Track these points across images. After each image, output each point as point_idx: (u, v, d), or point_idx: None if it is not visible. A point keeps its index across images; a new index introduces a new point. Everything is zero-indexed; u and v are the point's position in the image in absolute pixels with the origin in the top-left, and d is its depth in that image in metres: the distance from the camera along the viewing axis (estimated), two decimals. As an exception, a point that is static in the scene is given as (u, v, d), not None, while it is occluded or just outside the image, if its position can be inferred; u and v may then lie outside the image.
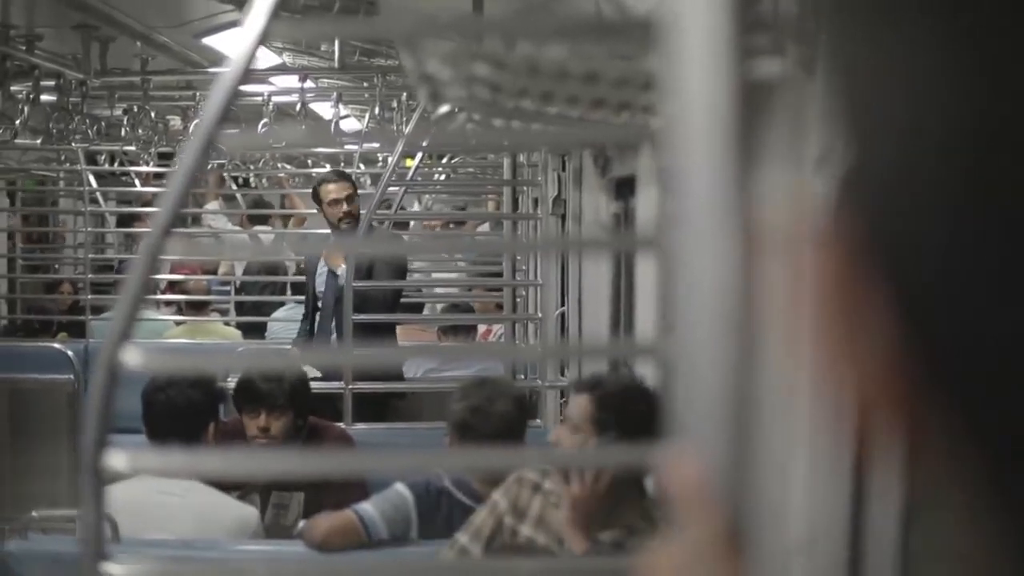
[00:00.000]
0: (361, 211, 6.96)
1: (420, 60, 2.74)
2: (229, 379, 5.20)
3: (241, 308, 10.21)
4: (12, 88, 6.79)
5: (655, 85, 2.69)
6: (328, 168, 11.18)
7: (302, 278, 8.77)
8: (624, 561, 2.63)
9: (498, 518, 3.74)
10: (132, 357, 1.70)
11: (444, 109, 3.69)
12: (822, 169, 1.87)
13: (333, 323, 6.93)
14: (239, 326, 9.65)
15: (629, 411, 3.48)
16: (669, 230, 0.91)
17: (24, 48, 6.67)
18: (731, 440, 0.87)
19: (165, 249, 1.66)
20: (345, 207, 7.12)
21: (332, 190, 7.23)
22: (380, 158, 10.79)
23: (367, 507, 4.14)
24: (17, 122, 6.79)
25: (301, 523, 4.42)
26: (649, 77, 2.66)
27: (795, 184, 1.80)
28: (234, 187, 11.82)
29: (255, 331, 9.29)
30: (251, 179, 11.91)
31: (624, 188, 5.28)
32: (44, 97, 7.23)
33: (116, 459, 1.79)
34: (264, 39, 1.68)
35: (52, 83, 7.25)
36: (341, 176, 7.40)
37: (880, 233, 0.53)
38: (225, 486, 4.41)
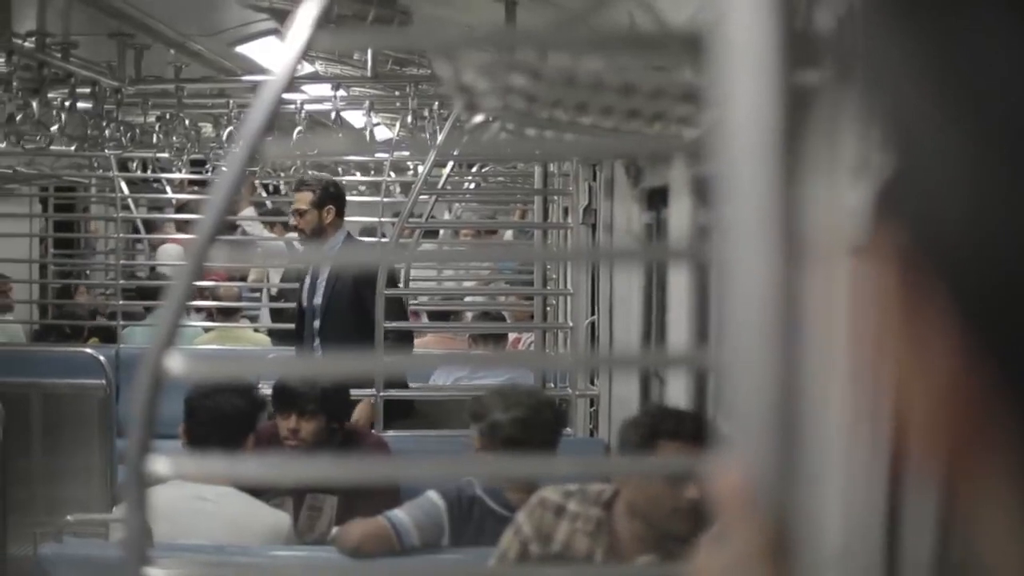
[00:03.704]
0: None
1: (457, 70, 2.76)
2: (262, 385, 5.23)
3: (281, 315, 10.22)
4: (48, 95, 6.81)
5: (692, 96, 2.71)
6: (358, 176, 11.23)
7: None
8: (670, 569, 2.64)
9: (523, 543, 3.72)
10: (175, 363, 1.72)
11: (478, 119, 3.70)
12: (860, 179, 1.88)
13: (314, 334, 6.95)
14: (270, 332, 9.66)
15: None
16: (715, 239, 0.93)
17: (60, 56, 6.71)
18: (776, 449, 0.88)
19: (210, 256, 1.68)
20: (292, 220, 7.12)
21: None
22: (410, 166, 10.82)
23: (400, 514, 4.16)
24: (53, 128, 6.82)
25: (334, 529, 4.44)
26: (686, 88, 2.67)
27: (839, 195, 1.81)
28: (264, 194, 11.86)
29: (289, 338, 9.30)
30: (281, 186, 11.95)
31: (656, 199, 5.29)
32: (79, 104, 7.27)
33: (159, 464, 1.81)
34: (308, 50, 1.70)
35: (87, 90, 7.28)
36: (298, 186, 7.26)
37: (928, 240, 0.53)
38: (259, 489, 4.43)
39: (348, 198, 11.50)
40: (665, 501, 3.47)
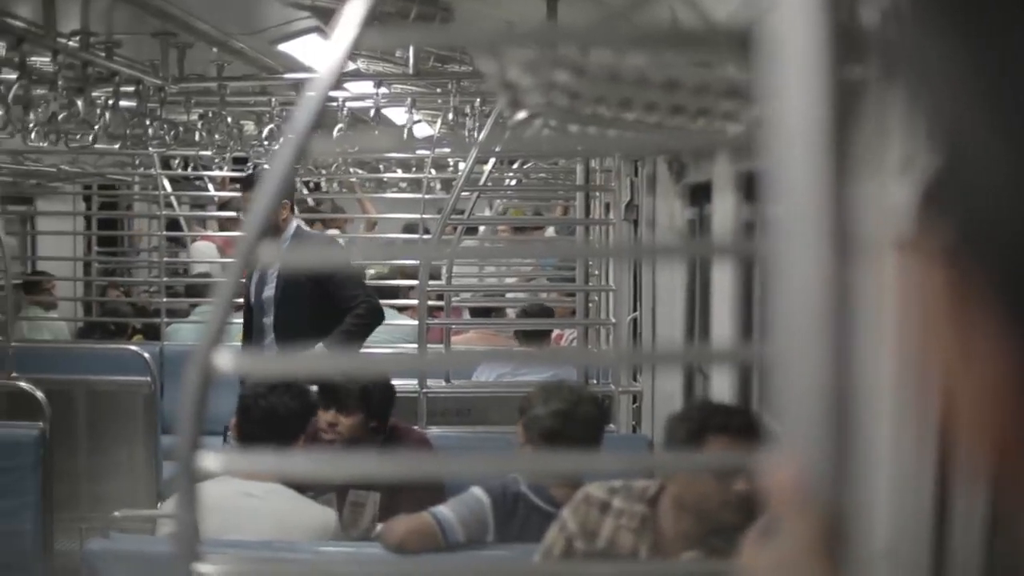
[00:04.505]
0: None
1: (502, 67, 2.76)
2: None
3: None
4: (93, 94, 6.84)
5: (736, 92, 2.70)
6: (399, 173, 11.23)
7: (381, 282, 8.79)
8: (722, 564, 2.63)
9: (568, 539, 3.73)
10: (224, 361, 1.73)
11: (521, 115, 3.70)
12: (906, 175, 1.87)
13: (263, 329, 6.94)
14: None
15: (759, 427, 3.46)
16: (765, 234, 0.93)
17: (103, 55, 6.74)
18: (829, 445, 0.88)
19: (258, 255, 1.69)
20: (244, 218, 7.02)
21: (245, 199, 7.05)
22: (451, 163, 10.82)
23: (444, 510, 4.17)
24: (97, 127, 6.85)
25: (379, 526, 4.46)
26: (730, 84, 2.66)
27: (886, 191, 1.81)
28: (305, 191, 11.90)
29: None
30: (322, 183, 11.98)
31: (699, 194, 5.28)
32: (123, 103, 7.30)
33: (209, 460, 1.82)
34: (355, 48, 1.70)
35: (131, 89, 7.32)
36: (250, 184, 7.09)
37: (974, 237, 0.53)
38: (302, 485, 4.45)
39: (390, 195, 11.60)
40: (714, 495, 3.45)
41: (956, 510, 2.05)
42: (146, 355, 7.57)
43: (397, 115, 9.37)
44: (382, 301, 8.69)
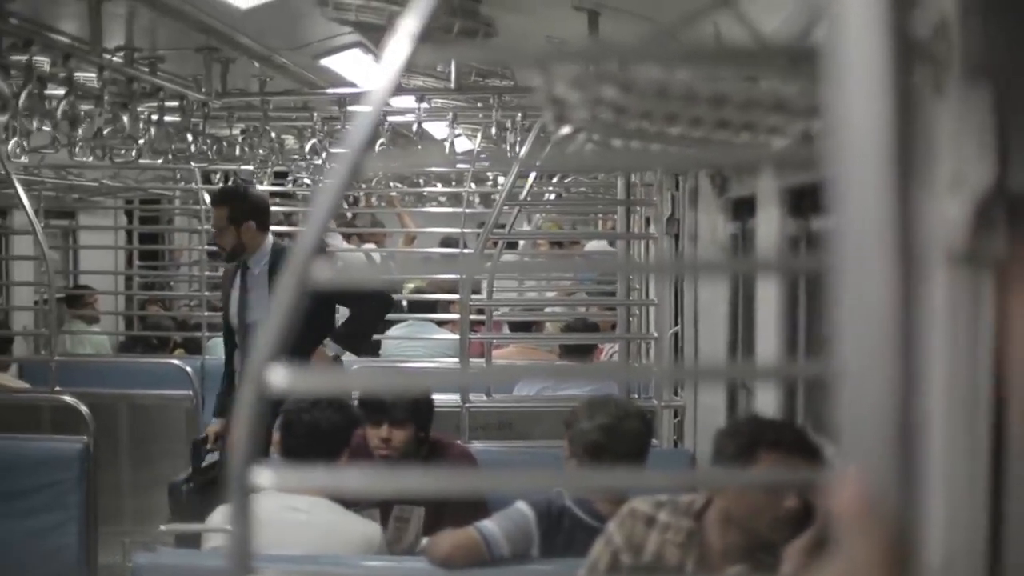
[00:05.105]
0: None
1: (549, 82, 2.77)
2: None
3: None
4: (137, 109, 6.88)
5: (783, 105, 2.70)
6: (439, 187, 11.24)
7: (421, 296, 8.78)
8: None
9: (614, 553, 3.72)
10: (279, 377, 1.74)
11: (565, 130, 3.70)
12: (960, 189, 1.87)
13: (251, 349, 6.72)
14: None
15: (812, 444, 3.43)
16: (827, 248, 0.93)
17: (147, 70, 6.78)
18: (895, 460, 0.88)
19: (311, 271, 1.70)
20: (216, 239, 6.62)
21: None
22: (490, 177, 10.83)
23: (489, 525, 4.17)
24: (141, 142, 6.89)
25: (424, 540, 4.46)
26: (778, 97, 2.66)
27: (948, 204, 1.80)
28: (344, 205, 11.93)
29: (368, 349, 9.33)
30: (360, 198, 11.99)
31: (742, 208, 5.26)
32: (167, 118, 7.35)
33: (261, 476, 1.83)
34: (409, 65, 1.71)
35: (175, 104, 7.37)
36: (213, 199, 6.76)
37: None
38: (347, 500, 4.46)
39: (428, 209, 11.62)
40: (764, 510, 3.43)
41: (1011, 523, 2.04)
42: (188, 369, 7.62)
43: (437, 129, 9.38)
44: (422, 316, 8.71)
